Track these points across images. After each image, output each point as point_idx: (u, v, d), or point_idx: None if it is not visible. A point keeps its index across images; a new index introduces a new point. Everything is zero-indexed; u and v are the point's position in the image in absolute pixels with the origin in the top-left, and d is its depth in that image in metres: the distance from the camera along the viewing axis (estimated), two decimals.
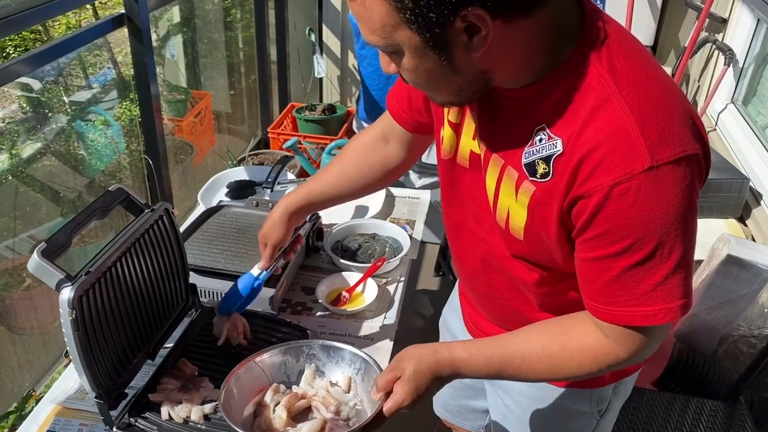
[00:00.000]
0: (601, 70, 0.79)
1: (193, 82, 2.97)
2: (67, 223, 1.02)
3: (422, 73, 0.81)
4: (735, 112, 2.92)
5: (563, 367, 0.90)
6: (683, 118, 0.79)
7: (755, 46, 2.86)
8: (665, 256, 0.79)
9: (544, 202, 0.85)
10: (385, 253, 1.64)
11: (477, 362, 0.92)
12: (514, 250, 0.96)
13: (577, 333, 0.90)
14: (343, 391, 1.05)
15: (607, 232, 0.80)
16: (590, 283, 0.86)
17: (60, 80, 2.27)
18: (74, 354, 0.98)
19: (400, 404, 0.91)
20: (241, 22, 3.24)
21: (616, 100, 0.77)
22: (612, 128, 0.77)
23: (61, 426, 1.18)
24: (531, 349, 0.91)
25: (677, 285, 0.81)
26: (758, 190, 2.42)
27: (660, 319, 0.82)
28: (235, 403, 1.00)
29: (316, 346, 1.08)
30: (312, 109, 3.10)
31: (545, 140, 0.83)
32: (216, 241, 1.54)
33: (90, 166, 2.34)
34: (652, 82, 0.80)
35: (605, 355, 0.88)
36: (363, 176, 1.24)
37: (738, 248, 1.94)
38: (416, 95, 1.11)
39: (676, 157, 0.76)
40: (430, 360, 0.92)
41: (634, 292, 0.82)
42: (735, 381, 1.75)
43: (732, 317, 1.98)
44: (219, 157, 2.94)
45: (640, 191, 0.76)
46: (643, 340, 0.86)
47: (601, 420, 1.18)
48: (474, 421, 1.50)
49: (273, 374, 1.07)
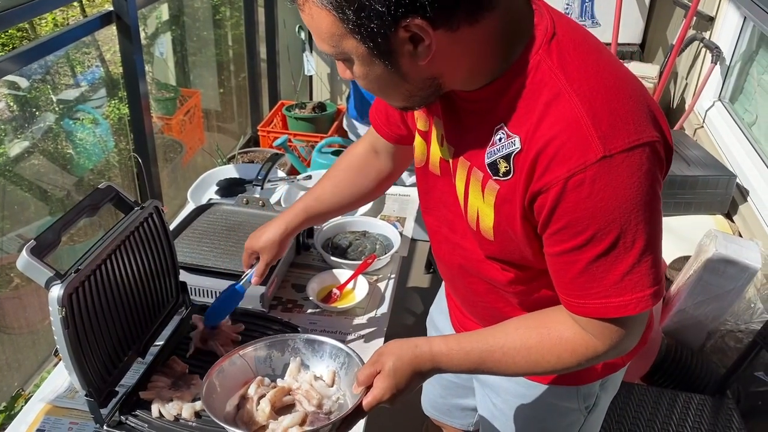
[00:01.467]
0: (551, 66, 0.80)
1: (182, 81, 2.96)
2: (56, 221, 1.02)
3: (372, 80, 0.83)
4: (722, 109, 2.94)
5: (542, 360, 0.91)
6: (637, 107, 0.79)
7: (742, 43, 2.89)
8: (629, 245, 0.80)
9: (509, 199, 0.87)
10: (376, 251, 1.65)
11: (457, 357, 0.93)
12: (487, 251, 0.97)
13: (556, 327, 0.91)
14: (326, 384, 1.05)
15: (568, 224, 0.81)
16: (561, 277, 0.87)
17: (48, 78, 2.26)
18: (64, 352, 0.98)
19: (380, 399, 0.91)
20: (231, 20, 3.23)
21: (567, 94, 0.78)
22: (564, 122, 0.78)
23: (51, 425, 1.18)
24: (510, 342, 0.91)
25: (645, 274, 0.82)
26: (745, 187, 2.44)
27: (632, 309, 0.83)
28: (217, 396, 1.01)
29: (300, 340, 1.09)
30: (302, 107, 3.10)
31: (504, 139, 0.84)
32: (206, 239, 1.53)
33: (79, 165, 2.32)
34: (604, 75, 0.81)
35: (584, 348, 0.89)
36: (358, 189, 1.27)
37: (725, 244, 1.96)
38: (392, 110, 1.14)
39: (630, 145, 0.77)
40: (410, 355, 0.92)
41: (603, 283, 0.83)
42: (722, 375, 1.76)
43: (719, 312, 2.00)
44: (209, 156, 2.93)
45: (595, 181, 0.77)
46: (620, 332, 0.87)
47: (589, 416, 1.19)
48: (463, 419, 1.51)
49: (258, 367, 1.07)
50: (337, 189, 1.27)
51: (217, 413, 0.97)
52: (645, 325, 0.90)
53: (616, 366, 1.14)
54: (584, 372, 1.10)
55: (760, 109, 2.68)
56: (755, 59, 2.79)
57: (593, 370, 1.11)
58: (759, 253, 1.96)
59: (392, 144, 1.21)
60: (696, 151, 2.60)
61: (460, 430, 1.54)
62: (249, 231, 1.56)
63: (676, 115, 3.23)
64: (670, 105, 3.47)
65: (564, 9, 3.33)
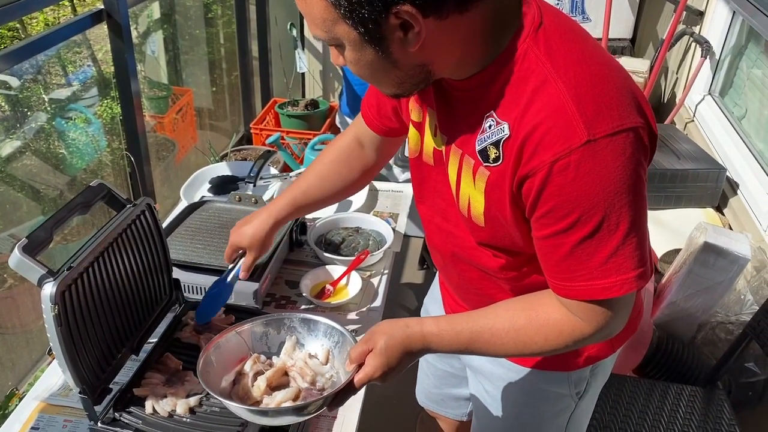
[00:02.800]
0: (538, 54, 0.82)
1: (174, 79, 2.96)
2: (48, 219, 1.02)
3: (363, 65, 0.85)
4: (712, 103, 2.96)
5: (530, 341, 0.93)
6: (621, 94, 0.81)
7: (731, 38, 2.91)
8: (613, 228, 0.81)
9: (498, 185, 0.88)
10: (369, 246, 1.65)
11: (447, 337, 0.95)
12: (478, 237, 0.99)
13: (544, 309, 0.93)
14: (321, 363, 1.07)
15: (554, 208, 0.82)
16: (548, 261, 0.89)
17: (39, 78, 2.26)
18: (57, 350, 0.98)
19: (371, 376, 0.93)
20: (222, 19, 3.22)
21: (553, 81, 0.80)
22: (550, 108, 0.80)
23: (45, 422, 1.18)
24: (499, 324, 0.93)
25: (629, 256, 0.83)
26: (735, 180, 2.46)
27: (617, 290, 0.85)
28: (213, 371, 1.03)
29: (296, 319, 1.11)
30: (294, 105, 3.10)
31: (494, 126, 0.86)
32: (199, 236, 1.54)
33: (71, 164, 2.32)
34: (589, 62, 0.83)
35: (571, 329, 0.91)
36: (343, 181, 1.28)
37: (715, 236, 1.97)
38: (384, 102, 1.16)
39: (614, 130, 0.79)
40: (402, 334, 0.94)
41: (588, 265, 0.84)
42: (713, 367, 1.78)
43: (710, 304, 2.01)
44: (201, 154, 2.93)
45: (580, 165, 0.79)
46: (606, 314, 0.89)
47: (580, 402, 1.21)
48: (456, 409, 1.52)
49: (254, 345, 1.10)
50: (323, 181, 1.28)
51: (212, 387, 0.98)
52: (631, 307, 0.92)
53: (605, 352, 1.15)
54: (574, 358, 1.12)
55: (749, 102, 2.69)
56: (744, 53, 2.81)
57: (583, 355, 1.13)
58: (749, 245, 1.97)
59: (380, 136, 1.22)
60: (686, 144, 2.62)
61: (453, 420, 1.55)
62: None
63: (667, 110, 3.24)
64: (661, 99, 3.49)
65: (555, 4, 3.33)
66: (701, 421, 1.67)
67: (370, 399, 1.33)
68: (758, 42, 2.67)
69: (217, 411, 1.11)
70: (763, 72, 2.62)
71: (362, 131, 1.25)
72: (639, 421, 1.66)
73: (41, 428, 1.17)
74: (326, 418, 1.22)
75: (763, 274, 1.98)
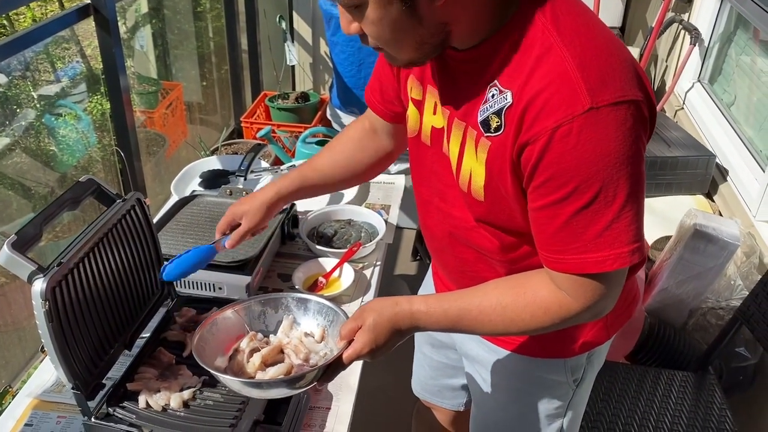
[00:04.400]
0: (545, 23, 0.83)
1: (163, 74, 2.94)
2: (37, 215, 1.02)
3: (387, 24, 0.83)
4: (701, 90, 2.97)
5: (517, 318, 0.93)
6: (625, 66, 0.82)
7: (720, 25, 2.91)
8: (609, 200, 0.81)
9: (500, 155, 0.88)
10: (361, 238, 1.66)
11: (435, 314, 0.95)
12: (476, 213, 0.99)
13: (532, 286, 0.93)
14: (316, 341, 1.09)
15: (552, 176, 0.82)
16: (541, 232, 0.89)
17: (28, 75, 2.24)
18: (49, 346, 0.98)
19: (360, 352, 0.94)
20: (211, 12, 3.20)
21: (558, 48, 0.81)
22: (554, 74, 0.80)
23: (38, 419, 1.19)
24: (487, 301, 0.94)
25: (624, 230, 0.83)
26: (724, 167, 2.47)
27: (610, 264, 0.84)
28: (209, 347, 1.05)
29: (293, 299, 1.12)
30: (285, 98, 3.09)
31: (497, 95, 0.87)
32: (190, 230, 1.54)
33: (61, 161, 2.31)
34: (594, 33, 0.83)
35: (557, 306, 0.90)
36: (356, 164, 1.27)
37: (705, 223, 1.98)
38: (386, 87, 1.15)
39: (617, 100, 0.79)
40: (390, 312, 0.95)
41: (582, 238, 0.84)
42: (704, 352, 1.80)
43: (700, 290, 2.03)
44: (192, 149, 2.92)
45: (582, 132, 0.79)
46: (596, 291, 0.88)
47: (577, 389, 1.21)
48: (452, 400, 1.52)
49: (252, 323, 1.11)
50: (336, 162, 1.26)
51: (207, 361, 1.00)
52: (621, 286, 0.92)
53: (601, 338, 1.16)
54: (571, 344, 1.13)
55: (738, 89, 2.70)
56: (733, 40, 2.81)
57: (579, 342, 1.13)
58: (738, 231, 1.99)
59: (389, 123, 1.21)
60: (676, 132, 2.63)
61: (450, 410, 1.56)
62: None
63: (657, 97, 3.25)
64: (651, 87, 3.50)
65: None
66: (693, 406, 1.69)
67: (365, 390, 1.34)
68: (747, 29, 2.67)
69: (211, 404, 1.11)
70: (751, 58, 2.63)
71: (374, 118, 1.24)
72: (631, 407, 1.68)
73: (35, 425, 1.17)
74: (320, 409, 1.23)
75: (753, 259, 2.00)
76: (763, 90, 2.47)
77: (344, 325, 0.98)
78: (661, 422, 1.64)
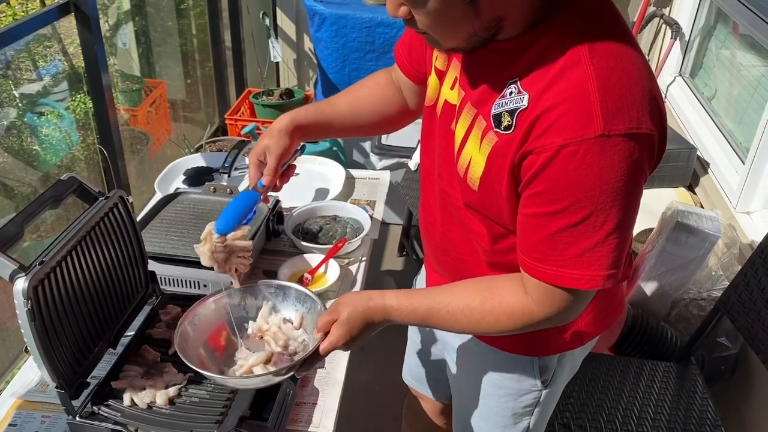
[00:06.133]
0: (580, 33, 0.82)
1: (147, 71, 2.92)
2: (17, 214, 1.01)
3: (443, 12, 0.82)
4: (683, 84, 3.00)
5: (482, 321, 0.96)
6: (646, 98, 0.81)
7: (700, 19, 2.94)
8: (598, 225, 0.82)
9: (503, 154, 0.88)
10: (347, 234, 1.66)
11: (405, 311, 0.99)
12: (467, 199, 1.00)
13: (500, 291, 0.96)
14: (294, 327, 1.13)
15: (548, 190, 0.83)
16: (526, 238, 0.90)
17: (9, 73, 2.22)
18: (32, 345, 0.98)
19: (335, 344, 1.00)
20: (195, 10, 3.19)
21: (584, 65, 0.80)
22: (574, 90, 0.80)
23: (22, 419, 1.18)
24: (455, 303, 0.97)
25: (605, 255, 0.84)
26: (705, 159, 2.50)
27: (583, 284, 0.86)
28: (191, 340, 1.08)
29: (272, 286, 1.16)
30: (269, 94, 3.08)
31: (515, 94, 0.86)
32: (174, 228, 1.53)
33: (44, 160, 2.29)
34: (624, 58, 0.82)
35: (521, 313, 0.94)
36: (377, 113, 1.23)
37: (686, 215, 2.01)
38: (416, 46, 1.13)
39: (629, 131, 0.78)
40: (363, 306, 0.99)
41: (564, 254, 0.85)
42: (686, 342, 1.82)
43: (682, 281, 2.05)
44: (176, 146, 2.90)
45: (587, 156, 0.79)
46: (562, 302, 0.90)
47: (546, 390, 1.21)
48: (437, 391, 1.54)
49: (232, 310, 1.14)
50: (355, 103, 1.21)
51: (190, 357, 1.03)
52: (587, 303, 0.94)
53: (573, 344, 1.16)
54: (542, 344, 1.14)
55: (718, 83, 2.74)
56: (713, 34, 2.84)
57: (550, 343, 1.14)
58: (719, 223, 2.02)
59: (415, 84, 1.18)
60: None
61: (437, 402, 1.57)
62: None
63: None
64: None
65: None
66: (675, 396, 1.71)
67: (351, 385, 1.34)
68: (726, 23, 2.70)
69: (197, 401, 1.11)
70: (731, 52, 2.66)
71: (398, 76, 1.21)
72: (615, 398, 1.70)
73: (19, 425, 1.17)
74: (307, 404, 1.24)
75: (733, 250, 2.03)
76: (743, 83, 2.50)
77: (320, 317, 1.03)
78: (645, 412, 1.66)
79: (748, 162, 2.15)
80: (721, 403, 1.75)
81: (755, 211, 2.16)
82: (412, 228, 2.75)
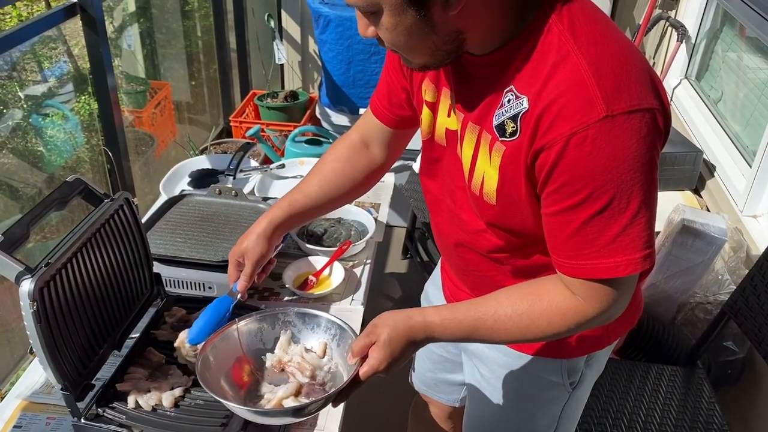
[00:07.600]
0: (562, 30, 0.83)
1: (152, 73, 2.93)
2: (24, 215, 1.01)
3: (401, 31, 0.84)
4: (689, 87, 2.99)
5: (533, 325, 0.92)
6: (640, 75, 0.82)
7: (706, 21, 2.93)
8: (623, 206, 0.82)
9: (514, 160, 0.89)
10: (351, 237, 1.66)
11: (450, 326, 0.94)
12: (487, 217, 0.99)
13: (546, 292, 0.93)
14: (317, 356, 1.06)
15: (567, 182, 0.83)
16: (555, 237, 0.89)
17: (14, 74, 2.22)
18: (37, 346, 0.98)
19: (377, 368, 0.93)
20: (199, 11, 3.19)
21: (575, 56, 0.81)
22: (570, 81, 0.81)
23: (27, 420, 1.18)
24: (501, 310, 0.93)
25: (637, 236, 0.84)
26: (712, 162, 2.49)
27: (622, 270, 0.85)
28: (211, 372, 1.00)
29: (292, 313, 1.08)
30: (274, 96, 3.08)
31: (513, 100, 0.87)
32: (179, 230, 1.53)
33: (49, 162, 2.29)
34: (611, 41, 0.84)
35: (573, 311, 0.91)
36: (346, 181, 1.23)
37: (692, 218, 2.00)
38: (396, 90, 1.15)
39: (632, 108, 0.80)
40: (404, 325, 0.94)
41: (595, 244, 0.85)
42: (692, 346, 1.81)
43: (689, 285, 2.04)
44: (181, 148, 2.90)
45: (596, 140, 0.79)
46: (609, 295, 0.89)
47: (573, 392, 1.20)
48: (449, 395, 1.52)
49: (249, 341, 1.07)
50: (324, 181, 1.22)
51: (212, 388, 0.96)
52: (633, 290, 0.92)
53: (600, 343, 1.16)
54: (569, 346, 1.13)
55: (725, 85, 2.73)
56: (719, 37, 2.84)
57: (578, 344, 1.13)
58: (725, 226, 2.01)
59: (391, 129, 1.19)
60: None
61: (446, 405, 1.56)
62: (222, 221, 1.57)
63: None
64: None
65: None
66: (682, 400, 1.70)
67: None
68: (733, 25, 2.70)
69: (201, 404, 1.11)
70: (737, 55, 2.65)
71: (368, 129, 1.22)
72: (621, 402, 1.69)
73: (24, 426, 1.17)
74: None
75: (740, 254, 2.02)
76: (750, 86, 2.49)
77: (356, 342, 0.96)
78: (651, 417, 1.65)
79: (754, 165, 2.14)
80: (728, 408, 1.74)
81: (762, 214, 2.15)
82: (416, 230, 2.75)
